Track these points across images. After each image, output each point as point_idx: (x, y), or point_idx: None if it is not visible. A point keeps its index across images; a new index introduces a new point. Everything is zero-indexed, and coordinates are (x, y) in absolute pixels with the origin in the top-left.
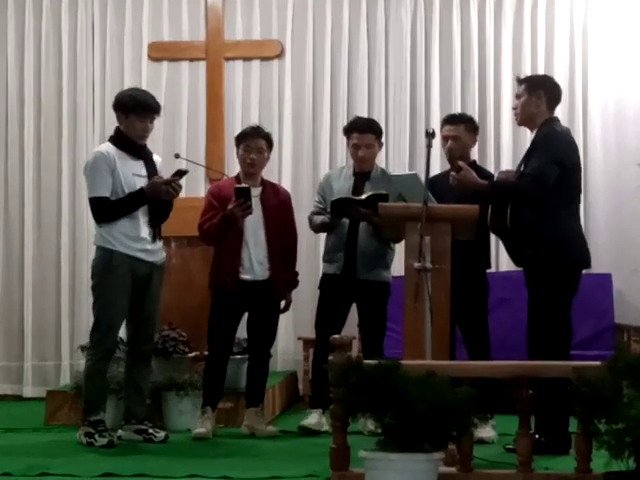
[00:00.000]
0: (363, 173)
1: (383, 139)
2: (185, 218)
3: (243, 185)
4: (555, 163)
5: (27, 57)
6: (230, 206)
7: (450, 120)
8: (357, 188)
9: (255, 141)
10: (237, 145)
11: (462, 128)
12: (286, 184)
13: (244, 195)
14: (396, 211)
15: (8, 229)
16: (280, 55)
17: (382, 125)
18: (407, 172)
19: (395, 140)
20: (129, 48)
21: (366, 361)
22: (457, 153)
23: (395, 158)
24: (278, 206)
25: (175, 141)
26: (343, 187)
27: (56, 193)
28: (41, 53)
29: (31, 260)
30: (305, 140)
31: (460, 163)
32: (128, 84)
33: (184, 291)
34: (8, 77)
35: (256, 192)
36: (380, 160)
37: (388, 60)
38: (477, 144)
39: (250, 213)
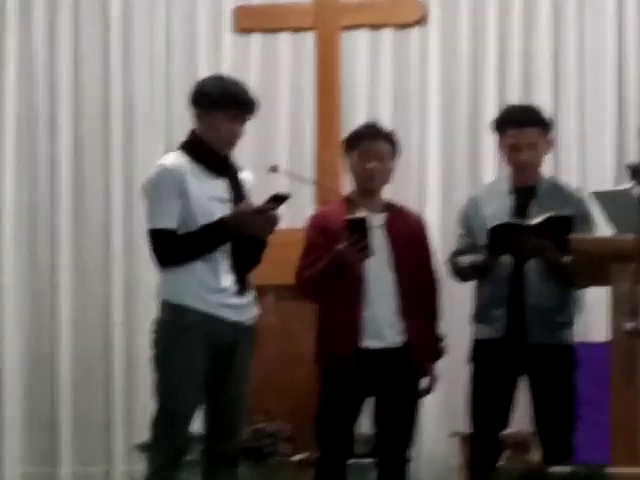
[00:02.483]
0: (525, 188)
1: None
2: (286, 259)
3: (357, 215)
4: None
5: (63, 30)
6: (340, 246)
7: None
8: (519, 210)
9: (374, 144)
10: (347, 151)
11: None
12: (432, 209)
13: (359, 229)
14: (596, 246)
15: (35, 280)
16: (422, 21)
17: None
18: (616, 187)
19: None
20: (204, 16)
21: (553, 468)
22: None
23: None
24: (410, 239)
25: (270, 147)
26: (498, 210)
27: (102, 226)
28: (78, 22)
29: (68, 323)
30: (459, 144)
31: None
32: (203, 69)
33: (286, 365)
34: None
35: (378, 220)
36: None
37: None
38: None
39: (369, 255)
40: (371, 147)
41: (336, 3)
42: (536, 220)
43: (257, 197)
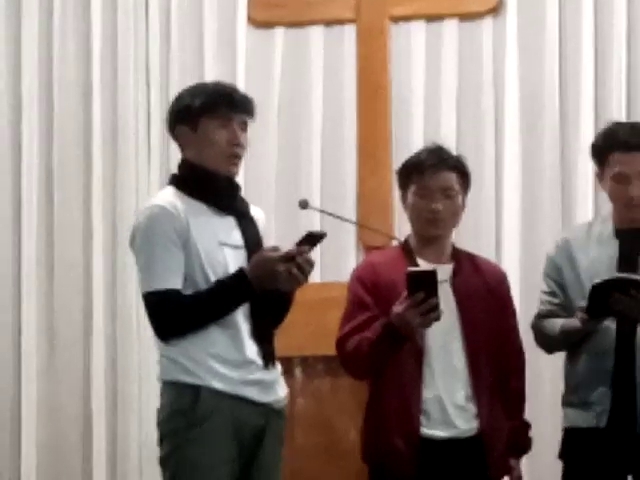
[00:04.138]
0: (635, 230)
1: None
2: (320, 323)
3: (422, 268)
4: None
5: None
6: (399, 307)
7: None
8: (626, 260)
9: (438, 177)
10: (403, 185)
11: None
12: (510, 257)
13: (425, 285)
14: None
15: None
16: (497, 10)
17: None
18: None
19: None
20: (213, 7)
21: None
22: None
23: None
24: (486, 298)
25: (298, 174)
26: (598, 261)
27: (81, 289)
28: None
29: (35, 415)
30: (546, 171)
31: None
32: (211, 75)
33: (320, 462)
34: None
35: (444, 274)
36: None
37: None
38: None
39: (437, 319)
40: (434, 181)
41: None
42: None
43: (277, 240)
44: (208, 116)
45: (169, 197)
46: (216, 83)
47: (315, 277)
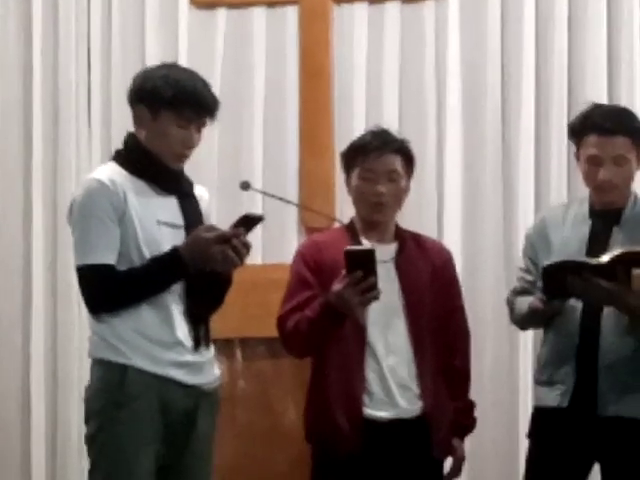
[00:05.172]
0: (609, 211)
1: None
2: (263, 305)
3: (362, 247)
4: None
5: None
6: (338, 285)
7: None
8: (598, 239)
9: (382, 160)
10: (347, 168)
11: None
12: (452, 238)
13: (364, 264)
14: None
15: None
16: None
17: None
18: None
19: None
20: None
21: None
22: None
23: None
24: (430, 278)
25: (239, 155)
26: (571, 239)
27: (20, 269)
28: None
29: None
30: (488, 152)
31: None
32: (153, 55)
33: (264, 444)
34: None
35: (388, 254)
36: None
37: None
38: None
39: (376, 298)
40: (379, 164)
41: None
42: (604, 258)
43: (218, 221)
44: (171, 112)
45: (109, 172)
46: (190, 77)
47: (256, 259)
